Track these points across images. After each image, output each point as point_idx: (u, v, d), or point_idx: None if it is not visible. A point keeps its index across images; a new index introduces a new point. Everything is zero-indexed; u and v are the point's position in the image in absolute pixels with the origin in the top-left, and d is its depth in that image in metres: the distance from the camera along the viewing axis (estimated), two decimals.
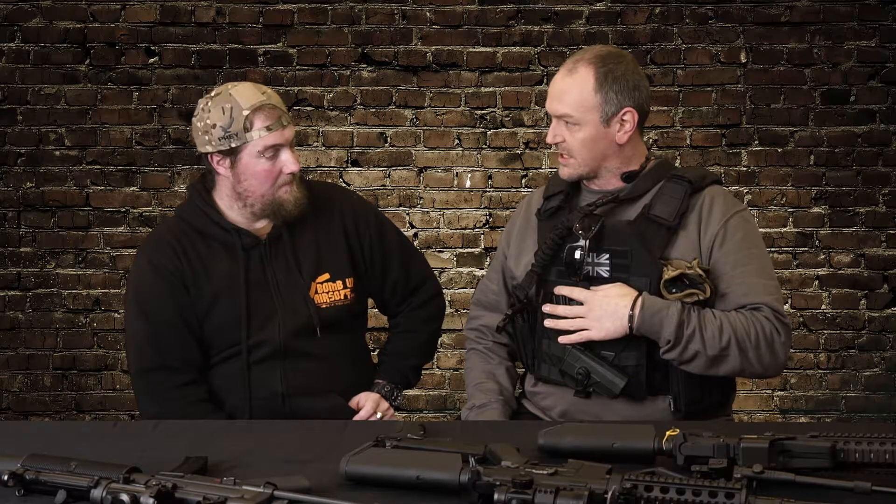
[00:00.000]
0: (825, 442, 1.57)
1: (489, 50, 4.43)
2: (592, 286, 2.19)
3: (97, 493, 1.50)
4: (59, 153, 4.42)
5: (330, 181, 4.28)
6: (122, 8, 4.40)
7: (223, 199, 2.37)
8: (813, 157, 4.42)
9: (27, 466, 1.57)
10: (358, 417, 2.40)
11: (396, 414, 2.57)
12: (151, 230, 3.38)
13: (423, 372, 2.68)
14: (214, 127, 2.26)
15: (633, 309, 2.12)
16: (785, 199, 4.42)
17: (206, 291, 2.34)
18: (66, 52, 4.41)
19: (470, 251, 4.46)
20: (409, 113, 4.44)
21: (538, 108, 4.40)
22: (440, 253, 4.45)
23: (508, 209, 4.38)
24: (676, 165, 3.26)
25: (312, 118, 4.43)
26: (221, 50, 4.41)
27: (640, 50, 4.38)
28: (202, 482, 1.51)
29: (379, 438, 1.75)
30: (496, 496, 1.42)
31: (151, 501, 1.46)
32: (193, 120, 2.33)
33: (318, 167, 4.43)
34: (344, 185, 4.36)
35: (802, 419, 4.41)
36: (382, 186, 4.46)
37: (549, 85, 2.30)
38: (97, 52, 4.41)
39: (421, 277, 2.62)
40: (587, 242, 2.18)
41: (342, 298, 2.42)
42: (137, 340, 2.36)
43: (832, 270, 4.42)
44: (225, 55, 4.41)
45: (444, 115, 4.44)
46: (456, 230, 4.46)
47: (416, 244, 3.86)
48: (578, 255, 2.19)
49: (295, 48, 4.42)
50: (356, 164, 4.45)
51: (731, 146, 4.43)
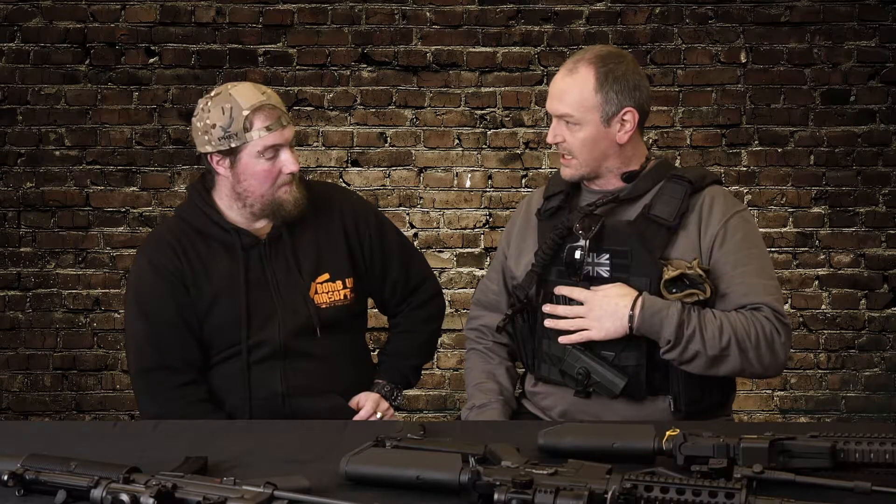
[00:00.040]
0: (825, 442, 1.57)
1: (489, 50, 4.43)
2: (592, 286, 2.19)
3: (97, 493, 1.50)
4: (59, 153, 4.42)
5: (330, 181, 4.28)
6: (122, 8, 4.40)
7: (223, 199, 2.37)
8: (813, 157, 4.42)
9: (27, 466, 1.56)
10: (358, 417, 2.40)
11: (396, 414, 2.57)
12: (151, 230, 3.37)
13: (423, 372, 2.68)
14: (214, 127, 2.26)
15: (633, 309, 2.12)
16: (785, 199, 4.42)
17: (206, 291, 2.34)
18: (66, 52, 4.41)
19: (470, 251, 4.46)
20: (409, 113, 4.44)
21: (538, 108, 4.40)
22: (440, 253, 4.45)
23: (508, 209, 4.38)
24: (676, 165, 3.26)
25: (312, 118, 4.43)
26: (221, 50, 4.41)
27: (640, 50, 4.38)
28: (202, 482, 1.51)
29: (379, 438, 1.75)
30: (496, 496, 1.42)
31: (151, 501, 1.46)
32: (193, 120, 2.33)
33: (318, 167, 4.43)
34: (344, 185, 4.36)
35: (802, 419, 4.40)
36: (382, 186, 4.45)
37: (549, 85, 2.30)
38: (97, 52, 4.41)
39: (421, 277, 2.62)
40: (587, 242, 2.18)
41: (342, 298, 2.42)
42: (137, 340, 2.36)
43: (832, 270, 4.42)
44: (225, 55, 4.41)
45: (444, 115, 4.44)
46: (456, 230, 4.46)
47: (416, 244, 3.86)
48: (578, 255, 2.19)
49: (295, 48, 4.42)
50: (356, 164, 4.45)
51: (731, 146, 4.43)
